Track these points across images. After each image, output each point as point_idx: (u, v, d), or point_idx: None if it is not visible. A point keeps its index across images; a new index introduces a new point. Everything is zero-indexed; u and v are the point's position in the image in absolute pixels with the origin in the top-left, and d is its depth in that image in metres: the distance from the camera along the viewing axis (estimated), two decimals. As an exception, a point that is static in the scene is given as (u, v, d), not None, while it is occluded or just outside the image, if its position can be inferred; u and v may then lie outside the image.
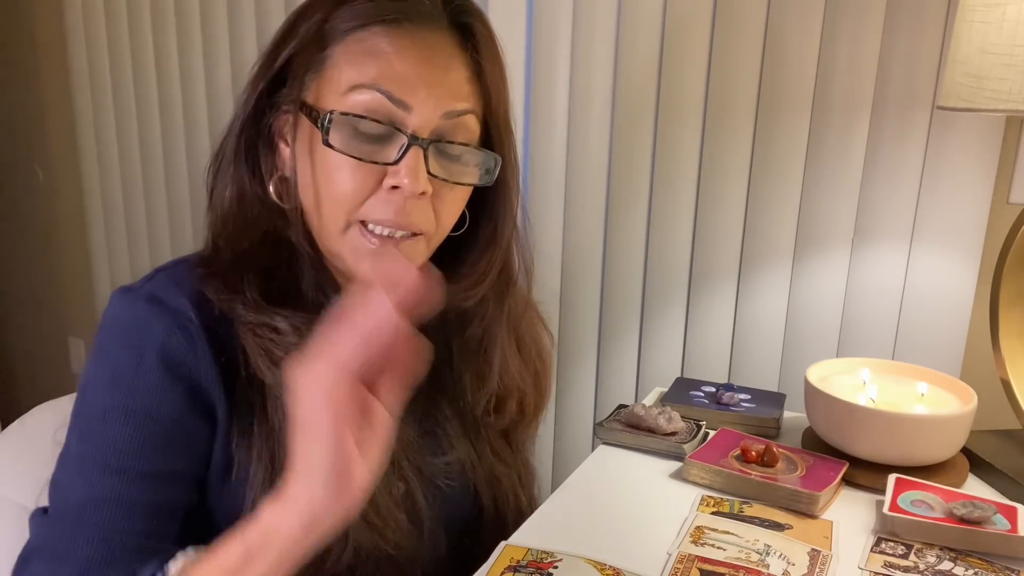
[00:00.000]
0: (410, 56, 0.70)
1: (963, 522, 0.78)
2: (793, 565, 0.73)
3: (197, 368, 0.70)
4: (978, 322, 1.19)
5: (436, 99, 0.70)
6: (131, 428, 0.69)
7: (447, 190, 0.74)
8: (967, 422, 0.89)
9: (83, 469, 0.69)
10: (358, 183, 0.70)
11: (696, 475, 0.89)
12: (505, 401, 0.87)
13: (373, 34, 0.70)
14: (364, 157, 0.70)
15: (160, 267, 0.77)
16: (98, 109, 2.02)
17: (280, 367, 0.70)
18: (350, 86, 0.70)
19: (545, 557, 0.73)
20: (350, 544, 0.72)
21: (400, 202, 0.70)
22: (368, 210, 0.71)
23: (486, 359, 0.84)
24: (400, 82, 0.70)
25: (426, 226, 0.73)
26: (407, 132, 0.70)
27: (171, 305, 0.71)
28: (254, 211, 0.76)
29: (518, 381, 0.87)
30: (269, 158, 0.76)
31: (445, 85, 0.71)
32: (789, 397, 1.11)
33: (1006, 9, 0.86)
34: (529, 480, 0.93)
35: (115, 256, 2.10)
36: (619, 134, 1.38)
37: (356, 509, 0.59)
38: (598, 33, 1.35)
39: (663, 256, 1.39)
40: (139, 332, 0.70)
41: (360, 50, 0.70)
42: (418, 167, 0.70)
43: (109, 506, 0.68)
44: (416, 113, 0.70)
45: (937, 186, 1.20)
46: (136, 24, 1.89)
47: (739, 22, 1.26)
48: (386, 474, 0.75)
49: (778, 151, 1.28)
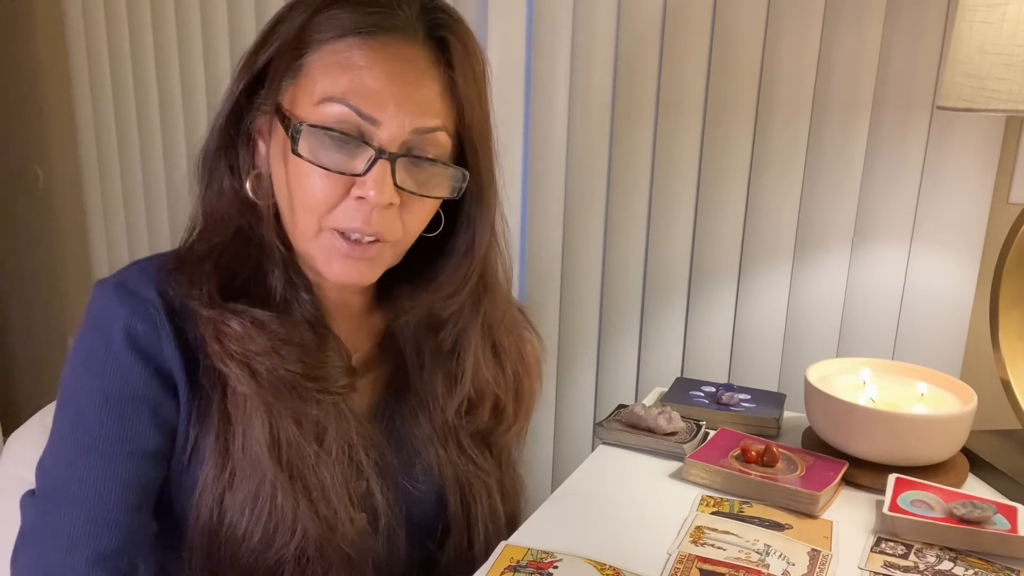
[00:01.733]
0: (382, 71, 0.71)
1: (963, 522, 0.78)
2: (793, 565, 0.73)
3: (160, 351, 0.74)
4: (978, 322, 1.19)
5: (405, 114, 0.72)
6: (106, 409, 0.73)
7: (415, 201, 0.75)
8: (967, 422, 0.89)
9: (65, 450, 0.74)
10: (327, 191, 0.72)
11: (696, 475, 0.89)
12: (477, 405, 0.87)
13: (348, 46, 0.71)
14: (332, 167, 0.71)
15: (135, 261, 0.80)
16: (98, 109, 2.02)
17: (233, 360, 0.73)
18: (322, 97, 0.71)
19: (545, 557, 0.73)
20: (297, 535, 0.74)
21: (367, 211, 0.72)
22: (337, 217, 0.73)
23: (458, 363, 0.85)
24: (370, 97, 0.71)
25: (392, 235, 0.75)
26: (375, 145, 0.71)
27: (138, 294, 0.74)
28: (230, 207, 0.78)
29: (492, 386, 0.87)
30: (247, 155, 0.78)
31: (415, 101, 0.72)
32: (789, 397, 1.11)
33: (1006, 9, 0.86)
34: (514, 489, 0.94)
35: (115, 256, 2.10)
36: (619, 134, 1.38)
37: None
38: (598, 33, 1.35)
39: (663, 256, 1.39)
40: (107, 319, 0.74)
41: (334, 62, 0.71)
42: (384, 180, 0.71)
43: (90, 483, 0.72)
44: (384, 128, 0.71)
45: (937, 186, 1.20)
46: (136, 24, 1.89)
47: (739, 22, 1.26)
48: (345, 472, 0.78)
49: (778, 151, 1.28)
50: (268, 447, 0.74)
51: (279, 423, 0.74)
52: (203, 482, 0.74)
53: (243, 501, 0.74)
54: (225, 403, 0.75)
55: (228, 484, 0.74)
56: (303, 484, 0.75)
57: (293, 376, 0.74)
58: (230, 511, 0.74)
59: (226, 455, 0.74)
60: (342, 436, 0.78)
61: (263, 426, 0.74)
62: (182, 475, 0.76)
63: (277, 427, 0.74)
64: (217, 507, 0.74)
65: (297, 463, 0.75)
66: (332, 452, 0.77)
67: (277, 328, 0.74)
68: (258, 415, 0.74)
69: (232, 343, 0.73)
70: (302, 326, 0.76)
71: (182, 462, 0.76)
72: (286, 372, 0.74)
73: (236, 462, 0.74)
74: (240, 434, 0.74)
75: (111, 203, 2.07)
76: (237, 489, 0.74)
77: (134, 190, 2.01)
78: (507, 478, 0.92)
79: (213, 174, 0.79)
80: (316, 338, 0.77)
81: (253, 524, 0.74)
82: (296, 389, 0.75)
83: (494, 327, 0.88)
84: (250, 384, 0.73)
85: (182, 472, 0.76)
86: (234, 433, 0.74)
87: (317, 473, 0.76)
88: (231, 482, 0.74)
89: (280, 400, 0.74)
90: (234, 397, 0.74)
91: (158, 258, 0.79)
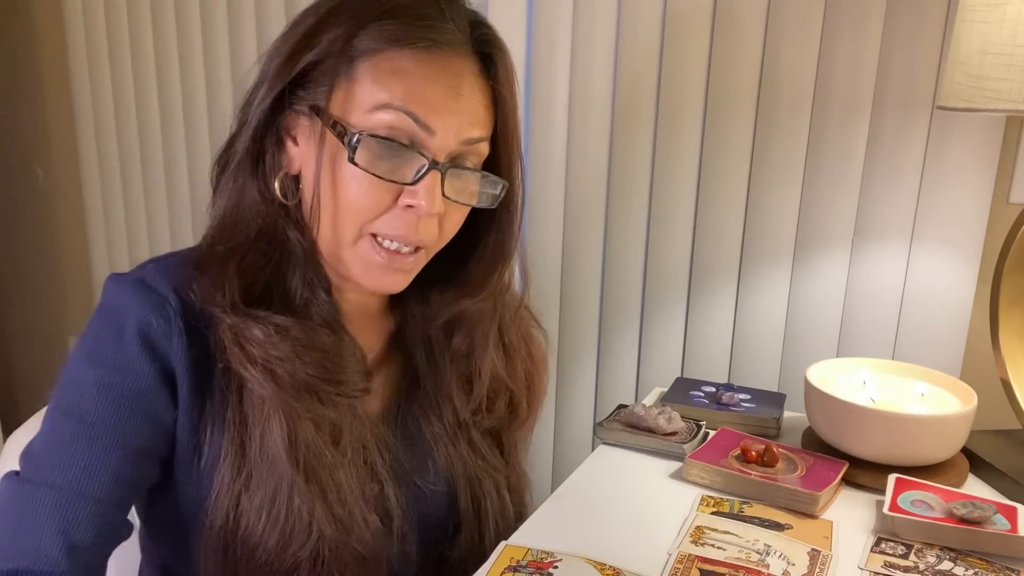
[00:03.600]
0: (439, 82, 0.73)
1: (963, 522, 0.78)
2: (793, 565, 0.73)
3: (169, 351, 0.73)
4: (978, 322, 1.19)
5: (458, 126, 0.74)
6: (103, 399, 0.72)
7: (455, 209, 0.77)
8: (967, 422, 0.89)
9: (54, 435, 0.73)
10: (375, 199, 0.73)
11: (696, 475, 0.89)
12: (494, 401, 0.88)
13: (403, 56, 0.72)
14: (385, 176, 0.72)
15: (154, 258, 0.80)
16: (98, 109, 2.02)
17: (255, 365, 0.73)
18: (377, 105, 0.72)
19: (545, 557, 0.73)
20: (313, 536, 0.74)
21: (413, 220, 0.74)
22: (381, 224, 0.74)
23: (474, 363, 0.86)
24: (427, 106, 0.72)
25: (431, 242, 0.77)
26: (427, 156, 0.73)
27: (157, 291, 0.74)
28: (254, 207, 0.77)
29: (507, 381, 0.89)
30: (276, 155, 0.78)
31: (467, 112, 0.74)
32: (789, 397, 1.11)
33: (1006, 9, 0.86)
34: (520, 486, 0.94)
35: (115, 256, 2.10)
36: (619, 134, 1.38)
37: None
38: (598, 33, 1.35)
39: (663, 256, 1.39)
40: (122, 312, 0.74)
41: (388, 69, 0.72)
42: (435, 189, 0.73)
43: (75, 471, 0.71)
44: (438, 137, 0.73)
45: (937, 186, 1.20)
46: (136, 24, 1.89)
47: (739, 22, 1.26)
48: (360, 473, 0.78)
49: (778, 151, 1.28)
50: (286, 449, 0.73)
51: (297, 425, 0.74)
52: (218, 485, 0.74)
53: (260, 504, 0.73)
54: (241, 406, 0.74)
55: (245, 487, 0.74)
56: (319, 486, 0.75)
57: (313, 380, 0.74)
58: (247, 514, 0.73)
59: (243, 458, 0.74)
60: (357, 438, 0.78)
61: (281, 428, 0.74)
62: (190, 479, 0.76)
63: (295, 429, 0.74)
64: (233, 510, 0.74)
65: (314, 465, 0.75)
66: (348, 454, 0.77)
67: (298, 334, 0.74)
68: (277, 417, 0.73)
69: (254, 348, 0.73)
70: (321, 329, 0.76)
71: (188, 466, 0.75)
72: (307, 376, 0.74)
73: (253, 465, 0.74)
74: (258, 436, 0.74)
75: (111, 203, 2.07)
76: (254, 492, 0.74)
77: (134, 190, 2.01)
78: (513, 475, 0.92)
79: (239, 172, 0.78)
80: (335, 341, 0.77)
81: (270, 526, 0.73)
82: (316, 392, 0.75)
83: (506, 325, 0.89)
84: (270, 387, 0.73)
85: (190, 476, 0.76)
86: (251, 436, 0.74)
87: (333, 475, 0.76)
88: (248, 484, 0.74)
89: (299, 402, 0.74)
90: (251, 400, 0.74)
91: (175, 256, 0.79)
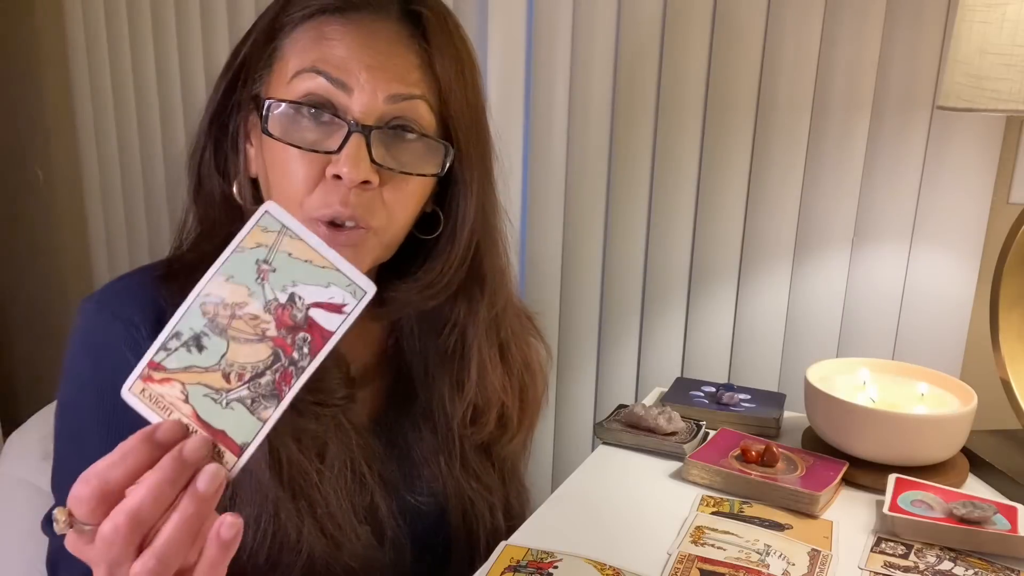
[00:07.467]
0: (353, 40, 0.69)
1: (963, 522, 0.78)
2: (793, 565, 0.73)
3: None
4: (978, 322, 1.19)
5: (378, 80, 0.68)
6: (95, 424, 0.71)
7: (400, 181, 0.71)
8: (967, 422, 0.89)
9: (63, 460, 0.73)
10: (303, 173, 0.69)
11: (696, 475, 0.89)
12: (483, 413, 0.84)
13: (319, 23, 0.70)
14: (305, 146, 0.68)
15: (121, 276, 0.77)
16: (98, 109, 2.02)
17: None
18: (293, 73, 0.70)
19: (545, 557, 0.73)
20: (303, 555, 0.72)
21: (344, 191, 0.68)
22: (315, 203, 0.69)
23: (463, 365, 0.82)
24: (339, 64, 0.68)
25: (376, 220, 0.70)
26: (348, 120, 0.68)
27: (122, 316, 0.71)
28: (220, 213, 0.76)
29: (499, 392, 0.84)
30: (235, 159, 0.76)
31: (388, 68, 0.69)
32: (789, 397, 1.11)
33: (1006, 9, 0.86)
34: (520, 504, 0.91)
35: (115, 256, 2.10)
36: (619, 134, 1.38)
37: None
38: (598, 33, 1.35)
39: (663, 256, 1.39)
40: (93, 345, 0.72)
41: (305, 39, 0.70)
42: (359, 155, 0.67)
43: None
44: (357, 97, 0.68)
45: (937, 186, 1.20)
46: (136, 24, 1.89)
47: (739, 22, 1.26)
48: (348, 486, 0.75)
49: (778, 151, 1.28)
50: (269, 467, 0.71)
51: (278, 441, 0.72)
52: None
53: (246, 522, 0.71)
54: None
55: (230, 506, 0.71)
56: (307, 502, 0.73)
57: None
58: None
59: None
60: (343, 450, 0.76)
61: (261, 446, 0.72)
62: None
63: (276, 446, 0.71)
64: None
65: (300, 481, 0.73)
66: (335, 467, 0.75)
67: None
68: None
69: None
70: None
71: None
72: None
73: (236, 484, 0.71)
74: None
75: (111, 203, 2.07)
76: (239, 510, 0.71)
77: (134, 190, 2.01)
78: (512, 493, 0.90)
79: (201, 179, 0.76)
80: None
81: (258, 545, 0.71)
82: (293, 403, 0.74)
83: (499, 331, 0.85)
84: None
85: None
86: None
87: (320, 490, 0.73)
88: (233, 503, 0.72)
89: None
90: None
91: (144, 270, 0.77)
